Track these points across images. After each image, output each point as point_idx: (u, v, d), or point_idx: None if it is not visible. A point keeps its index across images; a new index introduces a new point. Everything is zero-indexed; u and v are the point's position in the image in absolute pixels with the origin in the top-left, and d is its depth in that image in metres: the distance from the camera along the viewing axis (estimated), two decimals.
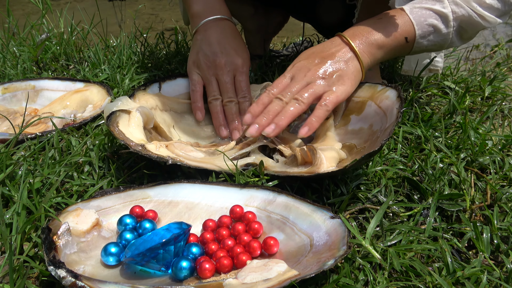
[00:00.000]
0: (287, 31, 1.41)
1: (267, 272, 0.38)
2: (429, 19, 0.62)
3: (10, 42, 1.09)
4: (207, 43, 0.69)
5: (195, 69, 0.70)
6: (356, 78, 0.61)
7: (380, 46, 0.61)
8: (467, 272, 0.42)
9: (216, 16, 0.71)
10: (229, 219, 0.48)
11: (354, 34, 0.62)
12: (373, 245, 0.44)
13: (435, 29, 0.62)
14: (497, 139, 0.67)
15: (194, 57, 0.70)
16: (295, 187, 0.54)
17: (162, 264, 0.42)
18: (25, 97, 0.78)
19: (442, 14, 0.62)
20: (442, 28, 0.62)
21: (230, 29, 0.71)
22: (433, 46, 0.64)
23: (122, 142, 0.55)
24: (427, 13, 0.62)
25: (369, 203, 0.53)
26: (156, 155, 0.54)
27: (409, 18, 0.62)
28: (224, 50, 0.68)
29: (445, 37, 0.63)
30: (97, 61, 0.95)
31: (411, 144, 0.65)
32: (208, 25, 0.70)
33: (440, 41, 0.64)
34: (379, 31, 0.62)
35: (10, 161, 0.56)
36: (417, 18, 0.62)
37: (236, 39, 0.71)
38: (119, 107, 0.60)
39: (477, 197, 0.54)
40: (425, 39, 0.63)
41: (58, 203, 0.52)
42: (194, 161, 0.56)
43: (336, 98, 0.58)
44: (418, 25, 0.62)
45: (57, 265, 0.38)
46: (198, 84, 0.69)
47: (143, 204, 0.50)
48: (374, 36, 0.61)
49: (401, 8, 0.64)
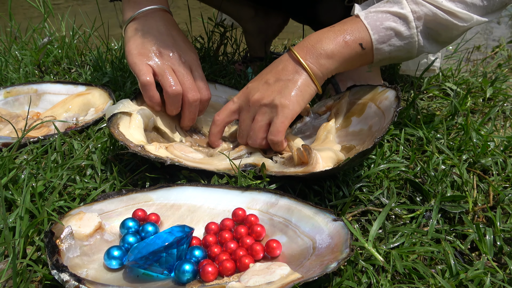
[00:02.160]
0: (288, 33, 1.41)
1: (270, 275, 0.38)
2: (386, 22, 0.58)
3: (12, 46, 1.09)
4: (153, 33, 0.62)
5: (143, 59, 0.61)
6: (305, 93, 0.58)
7: (330, 56, 0.58)
8: (470, 274, 0.42)
9: (156, 6, 0.64)
10: (231, 222, 0.48)
11: (303, 46, 0.59)
12: (375, 247, 0.44)
13: (395, 32, 0.58)
14: (499, 140, 0.67)
15: (139, 48, 0.62)
16: (297, 190, 0.55)
17: (165, 267, 0.42)
18: (27, 101, 0.78)
19: (400, 16, 0.57)
20: (403, 31, 0.57)
21: (173, 22, 0.66)
22: (398, 51, 0.59)
23: (122, 143, 0.55)
24: (384, 16, 0.58)
25: (371, 205, 0.53)
26: (154, 155, 0.54)
27: (363, 23, 0.58)
28: (175, 42, 0.63)
29: (409, 40, 0.58)
30: (98, 64, 0.95)
31: (413, 146, 0.65)
32: (149, 15, 0.64)
33: (405, 46, 0.59)
34: (329, 40, 0.58)
35: (13, 165, 0.56)
36: (372, 23, 0.58)
37: (181, 32, 0.66)
38: (120, 110, 0.60)
39: (479, 198, 0.54)
40: (385, 44, 0.58)
41: (61, 206, 0.52)
42: (192, 162, 0.57)
43: (282, 123, 0.57)
44: (373, 29, 0.58)
45: (60, 268, 0.38)
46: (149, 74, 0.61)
47: (145, 207, 0.50)
48: (323, 45, 0.58)
49: (356, 15, 0.60)
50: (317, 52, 0.58)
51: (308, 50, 0.58)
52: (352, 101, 0.63)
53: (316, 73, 0.58)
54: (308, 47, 0.59)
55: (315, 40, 0.59)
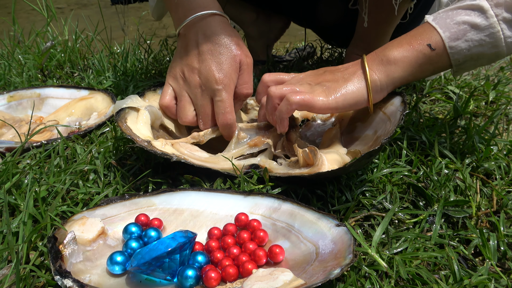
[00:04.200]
0: (290, 36, 1.41)
1: (273, 281, 0.38)
2: (457, 17, 0.53)
3: (16, 50, 1.10)
4: (185, 52, 0.60)
5: (170, 80, 0.62)
6: (349, 96, 0.53)
7: (393, 61, 0.53)
8: (474, 280, 0.42)
9: (198, 14, 0.58)
10: (234, 227, 0.48)
11: (372, 53, 0.56)
12: (379, 253, 0.44)
13: (470, 25, 0.52)
14: (502, 144, 0.66)
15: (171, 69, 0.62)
16: (300, 194, 0.54)
17: (168, 273, 0.42)
18: (30, 105, 0.79)
19: (473, 7, 0.52)
20: (480, 22, 0.52)
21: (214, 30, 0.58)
22: (480, 47, 0.53)
23: (129, 137, 0.55)
24: (454, 12, 0.54)
25: (374, 210, 0.53)
26: (161, 151, 0.54)
27: (431, 24, 0.54)
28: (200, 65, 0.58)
29: (490, 31, 0.51)
30: (101, 69, 0.95)
31: (415, 150, 0.65)
32: (188, 28, 0.59)
33: (486, 38, 0.52)
34: (393, 46, 0.54)
35: (16, 169, 0.56)
36: (441, 21, 0.53)
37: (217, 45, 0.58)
38: (128, 104, 0.61)
39: (483, 203, 0.54)
40: (461, 40, 0.52)
41: (64, 211, 0.52)
42: (198, 160, 0.57)
43: (309, 99, 0.51)
44: (442, 27, 0.53)
45: (63, 274, 0.38)
46: (168, 96, 0.62)
47: (148, 212, 0.50)
48: (387, 51, 0.54)
49: (426, 22, 0.56)
50: (380, 58, 0.54)
51: (372, 57, 0.55)
52: None
53: (374, 80, 0.53)
54: (372, 55, 0.55)
55: (381, 48, 0.55)
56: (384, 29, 0.82)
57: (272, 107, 0.56)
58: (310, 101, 0.51)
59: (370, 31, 0.82)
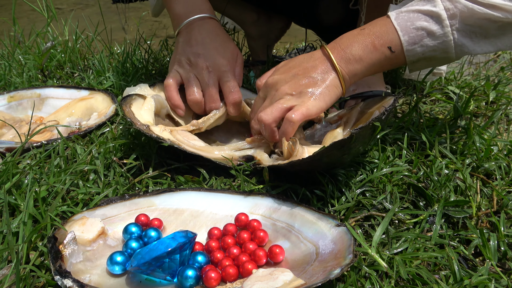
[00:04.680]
0: (290, 36, 1.41)
1: (273, 281, 0.38)
2: (417, 22, 0.55)
3: (16, 50, 1.10)
4: (188, 44, 0.67)
5: (175, 66, 0.68)
6: (332, 93, 0.57)
7: (358, 60, 0.56)
8: (474, 280, 0.41)
9: (198, 15, 0.68)
10: (234, 227, 0.48)
11: (335, 47, 0.58)
12: (379, 253, 0.44)
13: (426, 32, 0.55)
14: (503, 144, 0.66)
15: (176, 57, 0.68)
16: (300, 195, 0.54)
17: (168, 273, 0.42)
18: (30, 105, 0.79)
19: (433, 14, 0.54)
20: (436, 30, 0.54)
21: (213, 28, 0.69)
22: (433, 52, 0.56)
23: (129, 119, 0.58)
24: (415, 15, 0.55)
25: (374, 210, 0.53)
26: (156, 135, 0.57)
27: (393, 24, 0.56)
28: (206, 51, 0.66)
29: (443, 39, 0.55)
30: (101, 69, 0.95)
31: (416, 150, 0.65)
32: (190, 26, 0.68)
33: (439, 45, 0.56)
34: (358, 44, 0.57)
35: (16, 170, 0.56)
36: (403, 23, 0.56)
37: (218, 38, 0.68)
38: (136, 92, 0.64)
39: (483, 203, 0.54)
40: (417, 45, 0.56)
41: (64, 211, 0.52)
42: (192, 148, 0.59)
43: (306, 112, 0.55)
44: (403, 30, 0.55)
45: (63, 274, 0.38)
46: (173, 78, 0.68)
47: (148, 212, 0.50)
48: (353, 50, 0.57)
49: (387, 16, 0.58)
50: (347, 56, 0.57)
51: (338, 53, 0.57)
52: (362, 110, 0.64)
53: (344, 76, 0.57)
54: (339, 50, 0.58)
55: (345, 44, 0.58)
56: None
57: (271, 132, 0.58)
58: (308, 113, 0.55)
59: None
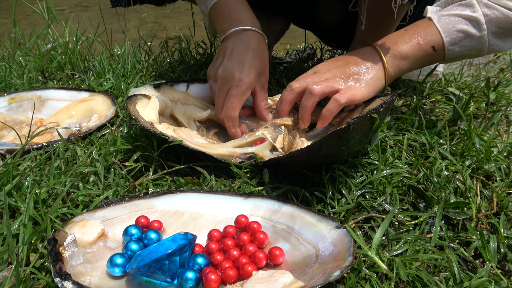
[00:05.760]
0: (290, 38, 1.41)
1: (273, 283, 0.38)
2: (458, 25, 0.63)
3: (16, 52, 1.10)
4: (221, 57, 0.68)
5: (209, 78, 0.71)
6: (376, 85, 0.62)
7: (404, 57, 0.63)
8: (474, 282, 0.41)
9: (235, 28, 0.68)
10: (234, 229, 0.48)
11: (383, 45, 0.64)
12: (379, 255, 0.44)
13: (466, 34, 0.63)
14: (502, 146, 0.66)
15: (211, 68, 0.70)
16: (300, 196, 0.54)
17: (168, 275, 0.42)
18: (31, 107, 0.79)
19: (472, 19, 0.62)
20: (474, 33, 0.62)
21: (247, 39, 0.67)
22: (469, 51, 0.64)
23: (134, 117, 0.60)
24: (456, 19, 0.63)
25: (374, 212, 0.53)
26: (160, 131, 0.58)
27: (436, 27, 0.63)
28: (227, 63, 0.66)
29: (480, 40, 0.63)
30: (101, 70, 0.96)
31: (415, 152, 0.65)
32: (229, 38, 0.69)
33: (475, 46, 0.64)
34: (404, 42, 0.64)
35: (16, 171, 0.57)
36: (445, 26, 0.63)
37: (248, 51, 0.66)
38: (141, 92, 0.66)
39: (483, 205, 0.54)
40: (457, 45, 0.63)
41: (64, 213, 0.52)
42: (194, 144, 0.60)
43: (351, 96, 0.59)
44: (445, 32, 0.63)
45: (63, 276, 0.38)
46: None
47: (148, 214, 0.50)
48: (399, 47, 0.63)
49: (429, 18, 0.65)
50: (394, 53, 0.63)
51: (386, 49, 0.64)
52: (362, 112, 0.64)
53: (390, 71, 0.63)
54: (386, 48, 0.64)
55: (391, 42, 0.65)
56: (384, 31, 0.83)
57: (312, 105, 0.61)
58: (353, 98, 0.59)
59: (369, 33, 0.82)
